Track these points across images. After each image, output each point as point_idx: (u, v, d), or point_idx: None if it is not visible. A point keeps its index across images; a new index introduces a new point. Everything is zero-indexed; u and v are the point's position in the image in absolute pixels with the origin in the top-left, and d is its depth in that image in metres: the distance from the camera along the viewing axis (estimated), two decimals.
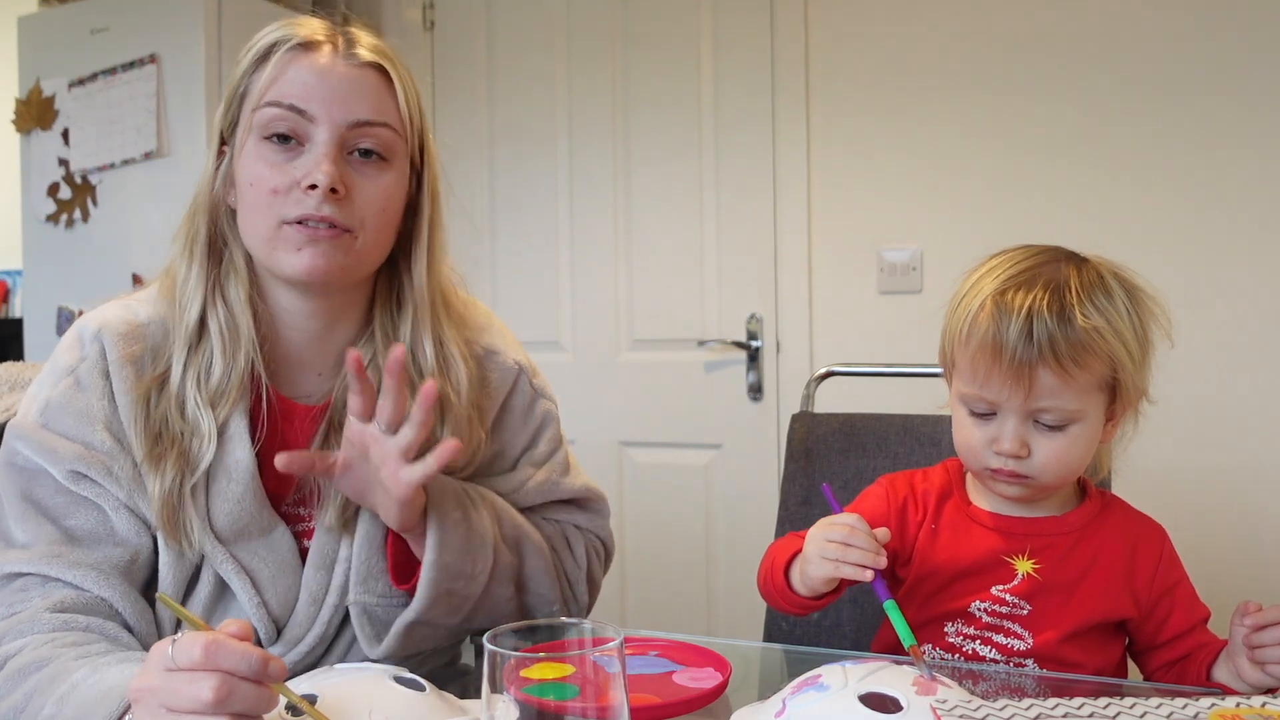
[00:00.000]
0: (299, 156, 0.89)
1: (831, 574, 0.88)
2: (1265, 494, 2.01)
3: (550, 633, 0.65)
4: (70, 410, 0.89)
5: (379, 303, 0.99)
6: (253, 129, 0.90)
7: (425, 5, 2.80)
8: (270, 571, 0.92)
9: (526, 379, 1.08)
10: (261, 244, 0.90)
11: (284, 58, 0.90)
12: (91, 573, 0.85)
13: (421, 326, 0.98)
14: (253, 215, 0.90)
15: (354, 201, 0.90)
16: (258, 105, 0.89)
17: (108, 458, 0.88)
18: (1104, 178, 2.13)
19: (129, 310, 0.94)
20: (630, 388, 2.59)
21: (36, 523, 0.87)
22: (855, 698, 0.69)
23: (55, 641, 0.79)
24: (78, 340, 0.93)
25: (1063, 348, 0.86)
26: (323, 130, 0.89)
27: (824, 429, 1.38)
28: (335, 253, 0.90)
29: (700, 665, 0.88)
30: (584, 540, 1.10)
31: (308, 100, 0.88)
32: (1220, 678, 0.89)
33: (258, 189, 0.89)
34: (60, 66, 2.59)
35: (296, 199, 0.88)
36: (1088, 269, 0.92)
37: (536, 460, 1.07)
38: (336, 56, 0.90)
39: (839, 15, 2.35)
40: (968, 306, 0.92)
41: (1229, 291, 2.04)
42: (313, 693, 0.71)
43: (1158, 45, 2.09)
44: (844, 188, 2.36)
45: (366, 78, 0.91)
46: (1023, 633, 0.94)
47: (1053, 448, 0.91)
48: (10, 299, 3.55)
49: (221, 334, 0.91)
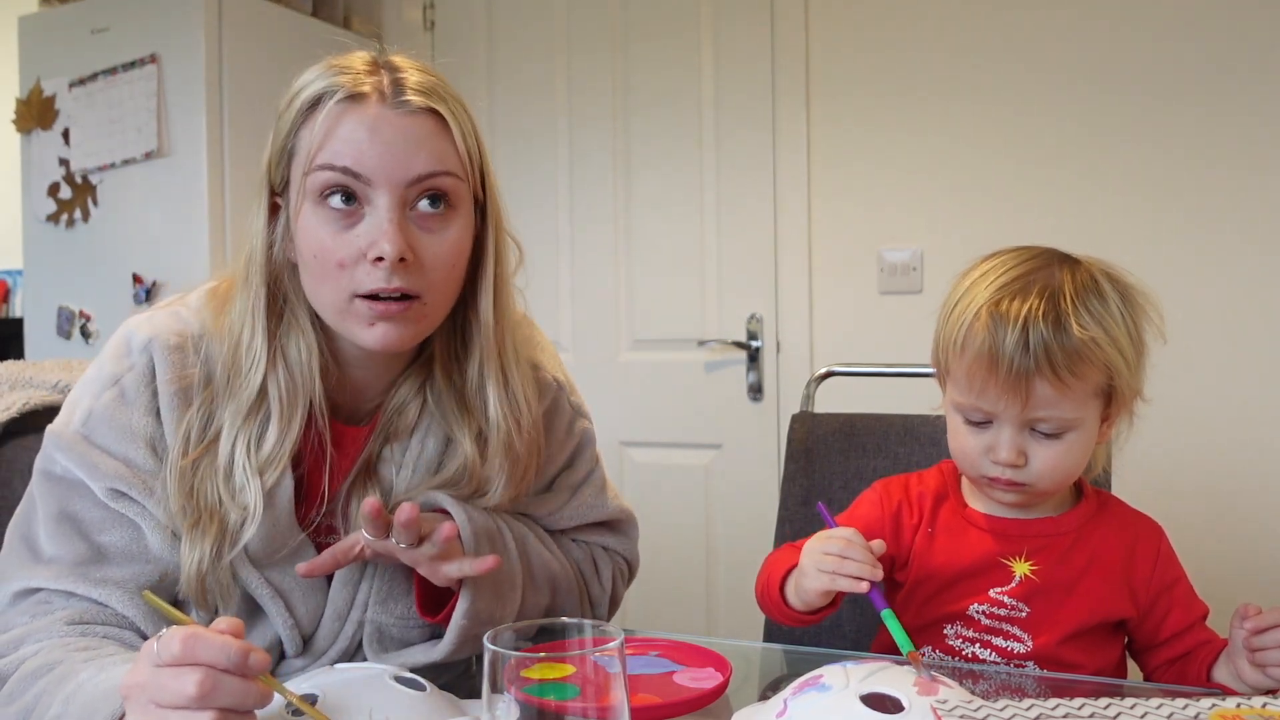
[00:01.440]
0: (360, 221, 0.84)
1: (828, 586, 0.88)
2: (1265, 493, 2.01)
3: (550, 633, 0.65)
4: (114, 424, 0.86)
5: (440, 334, 0.95)
6: (307, 192, 0.85)
7: (425, 5, 2.80)
8: (301, 589, 0.91)
9: (566, 397, 1.06)
10: (332, 313, 0.87)
11: (333, 111, 0.83)
12: (117, 591, 0.84)
13: (488, 369, 0.94)
14: (320, 286, 0.86)
15: (423, 265, 0.85)
16: (309, 169, 0.84)
17: (149, 476, 0.86)
18: (1103, 178, 2.13)
19: (180, 320, 0.91)
20: (630, 388, 2.59)
21: (68, 539, 0.85)
22: (857, 698, 0.69)
23: (68, 645, 0.79)
24: (126, 347, 0.89)
25: (1060, 359, 0.86)
26: (382, 194, 0.83)
27: (824, 429, 1.38)
28: (407, 324, 0.86)
29: (700, 665, 0.88)
30: (611, 564, 1.10)
31: (361, 162, 0.83)
32: (1221, 678, 0.89)
33: (323, 261, 0.85)
34: (61, 66, 2.59)
35: (366, 271, 0.84)
36: (1081, 272, 0.91)
37: (574, 483, 1.06)
38: (385, 107, 0.84)
39: (839, 16, 2.35)
40: (962, 315, 0.91)
41: (1228, 291, 2.04)
42: (313, 692, 0.71)
43: (1154, 51, 2.09)
44: (844, 188, 2.36)
45: (420, 126, 0.85)
46: (1022, 635, 0.94)
47: (1049, 455, 0.90)
48: (10, 299, 3.55)
49: (280, 399, 0.88)
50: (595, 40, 2.61)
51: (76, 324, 2.58)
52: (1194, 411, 2.05)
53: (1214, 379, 2.05)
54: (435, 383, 0.95)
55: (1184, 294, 2.06)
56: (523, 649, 0.59)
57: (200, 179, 2.36)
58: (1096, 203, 2.14)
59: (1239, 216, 2.04)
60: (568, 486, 1.06)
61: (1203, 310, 2.05)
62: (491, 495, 0.96)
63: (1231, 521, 2.02)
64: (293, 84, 0.88)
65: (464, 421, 0.95)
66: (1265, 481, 2.01)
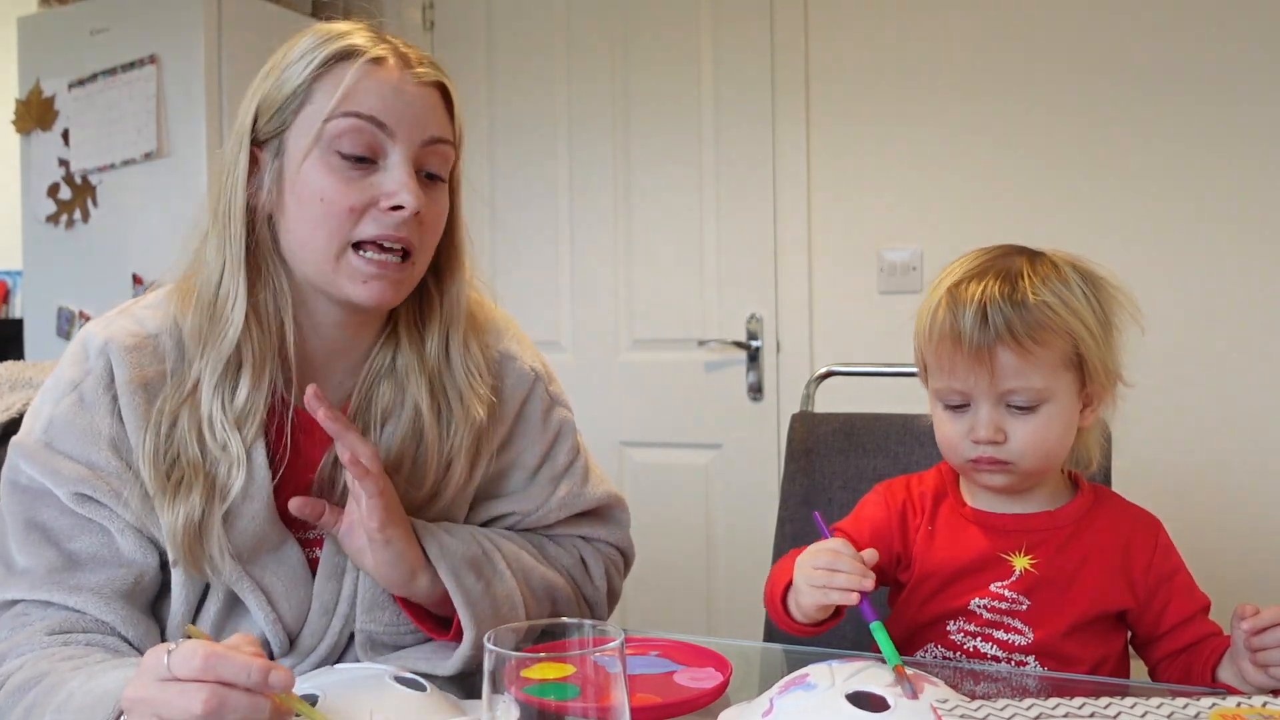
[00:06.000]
0: (374, 173, 0.87)
1: (821, 601, 0.88)
2: (1264, 490, 2.01)
3: (551, 633, 0.65)
4: (75, 429, 0.86)
5: (403, 309, 0.97)
6: (321, 139, 0.86)
7: (425, 5, 2.80)
8: (283, 586, 0.91)
9: (543, 386, 1.06)
10: (322, 263, 0.88)
11: (360, 69, 0.86)
12: (93, 597, 0.84)
13: (454, 337, 0.97)
14: (316, 232, 0.87)
15: (423, 224, 0.89)
16: (331, 115, 0.85)
17: (114, 478, 0.85)
18: (1104, 177, 2.13)
19: (136, 321, 0.91)
20: (630, 388, 2.59)
21: (38, 547, 0.85)
22: (843, 696, 0.69)
23: (52, 656, 0.79)
24: (83, 353, 0.89)
25: (1018, 326, 0.89)
26: (400, 148, 0.87)
27: (824, 429, 1.37)
28: (401, 283, 0.89)
29: (700, 665, 0.88)
30: (602, 559, 1.09)
31: (388, 114, 0.86)
32: (1226, 679, 0.89)
33: (330, 205, 0.86)
34: (60, 67, 2.59)
35: (374, 218, 0.86)
36: (1042, 260, 0.95)
37: (557, 474, 1.05)
38: (404, 71, 0.89)
39: (839, 16, 2.35)
40: (928, 305, 0.96)
41: (1227, 287, 2.04)
42: (314, 693, 0.71)
43: (1157, 49, 2.09)
44: (844, 187, 2.36)
45: (432, 96, 0.90)
46: (1023, 628, 0.95)
47: (1028, 430, 0.92)
48: (10, 299, 3.55)
49: (254, 354, 0.88)
50: (595, 40, 2.61)
51: (76, 324, 2.58)
52: (1195, 411, 2.05)
53: (1216, 378, 2.05)
54: (402, 357, 0.96)
55: (1185, 293, 2.06)
56: (523, 649, 0.59)
57: (200, 179, 2.35)
58: (1098, 202, 2.14)
59: (1241, 215, 2.04)
60: (550, 478, 1.05)
61: (1204, 308, 2.05)
62: (455, 471, 0.96)
63: (1232, 521, 2.02)
64: (293, 44, 0.90)
65: (431, 394, 0.95)
66: (1266, 482, 2.01)
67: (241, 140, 0.89)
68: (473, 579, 0.91)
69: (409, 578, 0.90)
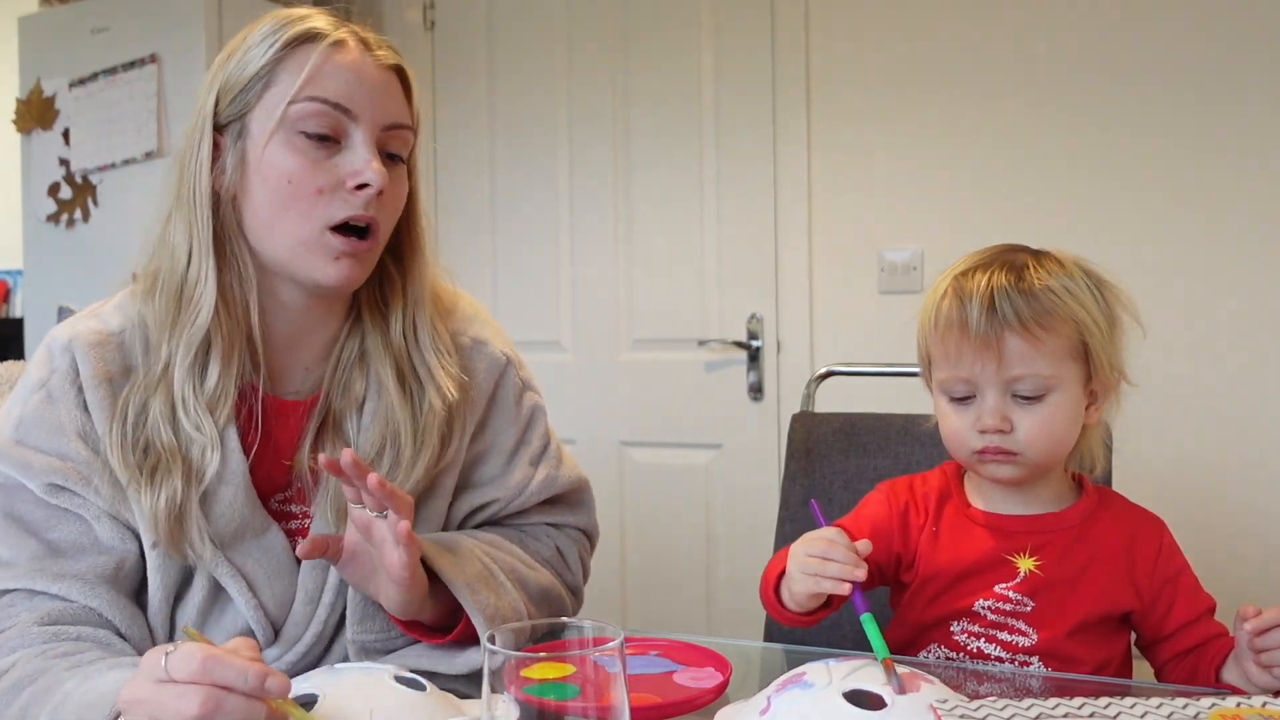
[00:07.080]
0: (336, 154, 0.89)
1: (813, 588, 0.88)
2: (1265, 490, 2.01)
3: (550, 632, 0.65)
4: (43, 424, 0.88)
5: (365, 293, 0.98)
6: (284, 121, 0.87)
7: (425, 5, 2.80)
8: (266, 573, 0.91)
9: (514, 371, 1.07)
10: (293, 245, 0.89)
11: (323, 53, 0.88)
12: (77, 583, 0.85)
13: (420, 317, 0.98)
14: (286, 214, 0.88)
15: (385, 203, 0.91)
16: (295, 98, 0.87)
17: (84, 468, 0.87)
18: (1105, 177, 2.13)
19: (99, 320, 0.93)
20: (630, 388, 2.59)
21: (19, 538, 0.86)
22: (840, 695, 0.69)
23: (47, 653, 0.79)
24: (48, 354, 0.91)
25: (1025, 312, 0.90)
26: (363, 130, 0.89)
27: (824, 429, 1.37)
28: (367, 263, 0.91)
29: (700, 665, 0.88)
30: (575, 546, 1.10)
31: (350, 99, 0.88)
32: (1230, 679, 0.89)
33: (298, 187, 0.87)
34: (61, 66, 2.59)
35: (343, 199, 0.88)
36: (1046, 256, 0.96)
37: (533, 457, 1.06)
38: (365, 55, 0.90)
39: (839, 16, 2.35)
40: (933, 298, 0.97)
41: (1230, 288, 2.04)
42: (313, 693, 0.71)
43: (1158, 48, 2.09)
44: (844, 187, 2.36)
45: (392, 79, 0.92)
46: (1027, 629, 0.95)
47: (1034, 420, 0.92)
48: (10, 299, 3.55)
49: (223, 338, 0.89)
50: (595, 40, 2.61)
51: None
52: (1195, 411, 2.05)
53: (1216, 378, 2.05)
54: (369, 342, 0.97)
55: (1186, 293, 2.06)
56: (523, 649, 0.59)
57: None
58: (1099, 202, 2.13)
59: (1244, 215, 2.03)
60: (528, 462, 1.05)
61: (1204, 308, 2.05)
62: (428, 452, 0.96)
63: (1232, 522, 2.02)
64: (253, 28, 0.91)
65: (398, 375, 0.96)
66: (1267, 482, 2.01)
67: (204, 124, 0.90)
68: (486, 594, 0.90)
69: (419, 609, 0.89)
